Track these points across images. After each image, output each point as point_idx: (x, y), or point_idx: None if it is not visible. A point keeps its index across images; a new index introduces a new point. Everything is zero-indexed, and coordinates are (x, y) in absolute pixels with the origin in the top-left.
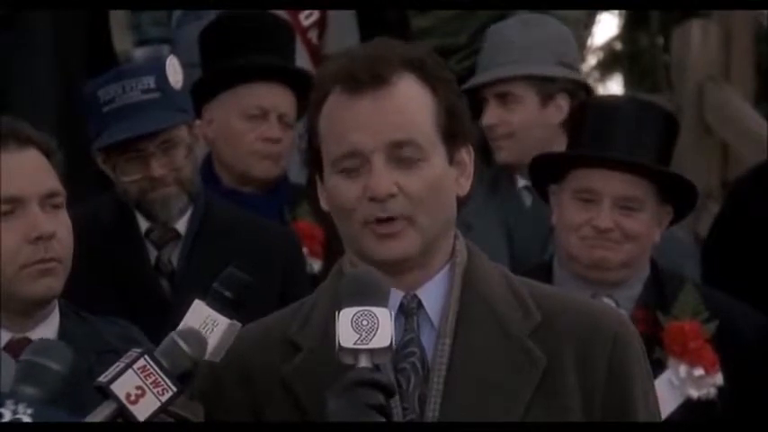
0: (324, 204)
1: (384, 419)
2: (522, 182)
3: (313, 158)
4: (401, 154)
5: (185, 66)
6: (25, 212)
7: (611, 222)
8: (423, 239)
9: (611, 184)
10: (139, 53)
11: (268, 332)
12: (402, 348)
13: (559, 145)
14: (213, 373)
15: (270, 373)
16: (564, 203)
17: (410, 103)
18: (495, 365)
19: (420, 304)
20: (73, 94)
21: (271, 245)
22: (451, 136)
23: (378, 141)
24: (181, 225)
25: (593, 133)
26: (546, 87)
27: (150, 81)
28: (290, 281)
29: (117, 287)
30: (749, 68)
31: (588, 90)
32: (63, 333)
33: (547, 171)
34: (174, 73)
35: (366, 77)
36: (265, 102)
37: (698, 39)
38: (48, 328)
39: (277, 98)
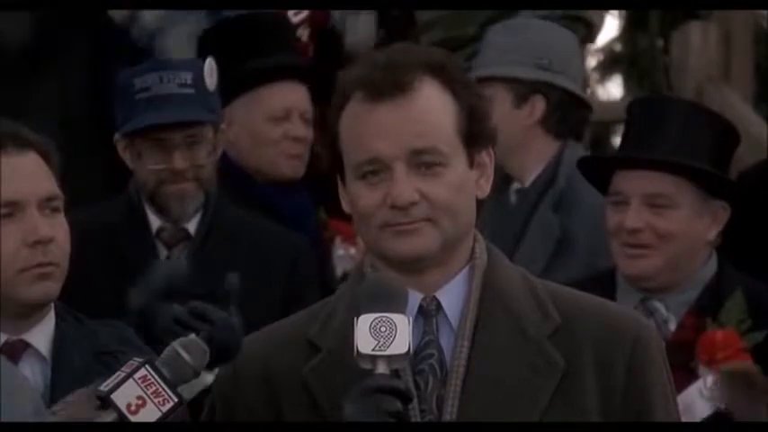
0: (345, 206)
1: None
2: (516, 185)
3: (334, 162)
4: (422, 161)
5: None
6: (24, 216)
7: (640, 222)
8: (443, 238)
9: (636, 183)
10: None
11: (289, 333)
12: (421, 350)
13: (536, 144)
14: (234, 374)
15: (290, 373)
16: (606, 210)
17: (431, 109)
18: (514, 368)
19: (439, 306)
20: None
21: (276, 250)
22: (472, 139)
23: (399, 149)
24: (191, 226)
25: (635, 135)
26: (518, 88)
27: (188, 77)
28: (294, 286)
29: (128, 286)
30: (748, 70)
31: (568, 91)
32: (58, 335)
33: (597, 180)
34: (211, 74)
35: (387, 85)
36: (288, 102)
37: (697, 40)
38: (43, 330)
39: (297, 97)
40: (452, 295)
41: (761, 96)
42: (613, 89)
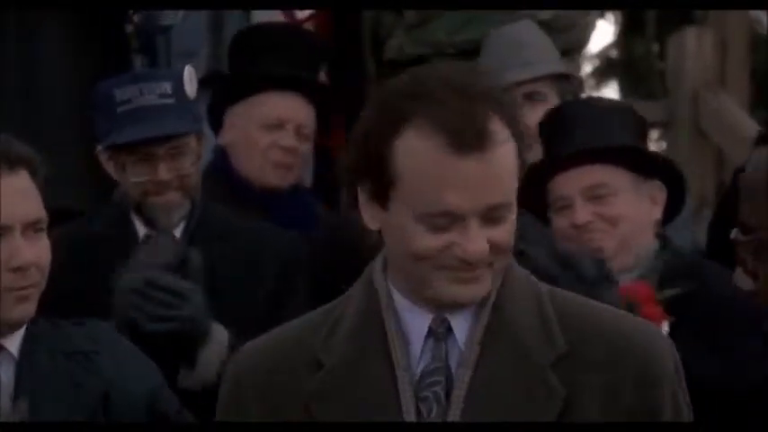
0: (373, 222)
1: None
2: None
3: (376, 185)
4: (494, 215)
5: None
6: (8, 240)
7: (588, 215)
8: (494, 279)
9: (574, 180)
10: None
11: (293, 346)
12: (427, 376)
13: None
14: (236, 388)
15: (292, 390)
16: (551, 219)
17: (507, 162)
18: (514, 398)
19: (449, 328)
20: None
21: (264, 250)
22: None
23: (476, 205)
24: (177, 232)
25: (558, 139)
26: (562, 87)
27: (167, 87)
28: (284, 287)
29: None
30: (744, 75)
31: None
32: (28, 338)
33: (533, 197)
34: (191, 83)
35: (470, 136)
36: (283, 112)
37: (693, 46)
38: (16, 333)
39: (296, 109)
40: (462, 317)
41: (756, 102)
42: (609, 95)
